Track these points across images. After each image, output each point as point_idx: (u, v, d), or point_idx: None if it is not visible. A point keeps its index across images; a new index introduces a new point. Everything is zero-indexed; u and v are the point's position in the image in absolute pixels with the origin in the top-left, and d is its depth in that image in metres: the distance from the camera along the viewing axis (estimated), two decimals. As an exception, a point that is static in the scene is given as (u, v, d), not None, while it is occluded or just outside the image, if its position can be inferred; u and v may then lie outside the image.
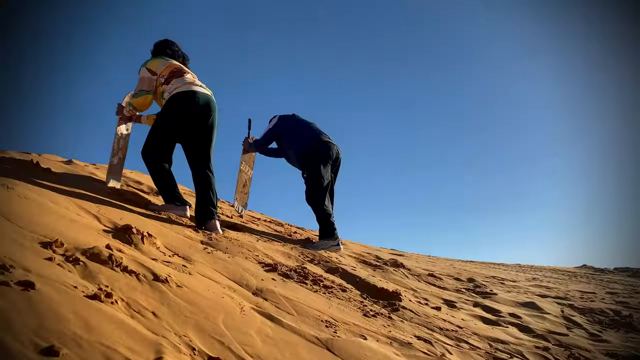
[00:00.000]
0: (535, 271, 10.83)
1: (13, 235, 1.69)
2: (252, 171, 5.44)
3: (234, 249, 3.05)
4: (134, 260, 1.89)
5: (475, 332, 3.08)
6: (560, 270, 12.33)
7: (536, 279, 8.44)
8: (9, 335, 1.02)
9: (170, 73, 3.75)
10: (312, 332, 1.94)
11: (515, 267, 11.86)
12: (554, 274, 10.39)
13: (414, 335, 2.52)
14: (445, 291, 4.70)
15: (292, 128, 4.99)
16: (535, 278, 8.69)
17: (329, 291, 2.85)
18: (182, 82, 3.68)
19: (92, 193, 3.12)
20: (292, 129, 4.98)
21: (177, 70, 3.77)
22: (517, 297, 5.36)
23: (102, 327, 1.21)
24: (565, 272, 11.67)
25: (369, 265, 4.65)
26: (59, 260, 1.60)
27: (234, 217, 5.00)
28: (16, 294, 1.18)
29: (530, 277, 8.69)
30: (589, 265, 14.48)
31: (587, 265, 14.59)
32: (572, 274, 11.22)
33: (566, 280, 9.12)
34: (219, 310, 1.74)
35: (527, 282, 7.70)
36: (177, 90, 3.63)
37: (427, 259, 9.77)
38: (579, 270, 13.05)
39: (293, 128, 4.99)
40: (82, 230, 2.17)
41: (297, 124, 5.03)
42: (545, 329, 3.77)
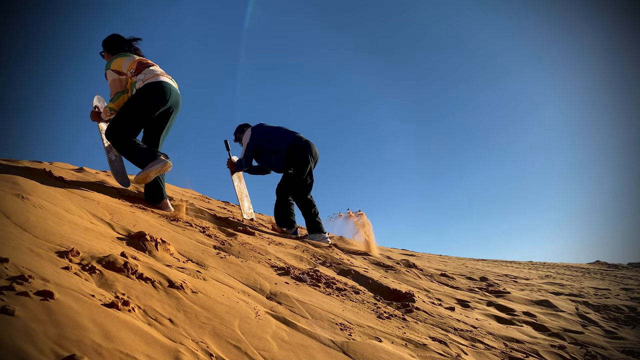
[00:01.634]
0: (547, 268, 10.75)
1: (30, 245, 1.71)
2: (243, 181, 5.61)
3: (246, 253, 3.06)
4: (148, 267, 1.90)
5: (490, 332, 3.07)
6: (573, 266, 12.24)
7: (549, 277, 8.38)
8: (30, 345, 1.03)
9: (138, 65, 3.86)
10: (327, 335, 1.94)
11: (527, 264, 11.79)
12: (567, 271, 10.32)
13: (429, 337, 2.51)
14: (458, 291, 4.69)
15: (269, 133, 5.17)
16: (548, 275, 8.64)
17: (342, 294, 2.86)
18: (153, 73, 3.82)
19: (104, 200, 3.14)
20: (270, 134, 5.17)
21: (145, 63, 3.91)
22: (531, 295, 5.33)
23: (120, 335, 1.22)
24: (578, 268, 11.58)
25: (380, 266, 4.65)
26: (76, 269, 1.62)
27: (245, 220, 5.02)
28: (36, 304, 1.20)
29: (543, 275, 8.64)
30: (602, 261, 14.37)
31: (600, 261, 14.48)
32: (586, 270, 11.14)
33: (580, 277, 9.05)
34: (234, 316, 1.75)
35: (540, 279, 7.65)
36: (150, 80, 3.76)
37: (439, 258, 9.73)
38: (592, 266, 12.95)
39: (269, 134, 5.17)
40: (97, 238, 2.19)
41: (271, 129, 5.22)
42: (560, 327, 3.75)
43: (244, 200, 5.39)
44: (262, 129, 5.21)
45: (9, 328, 1.06)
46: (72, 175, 4.24)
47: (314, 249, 4.22)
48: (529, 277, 7.85)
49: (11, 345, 1.00)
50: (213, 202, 6.49)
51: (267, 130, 5.21)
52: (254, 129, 5.20)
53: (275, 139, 5.13)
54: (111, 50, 4.06)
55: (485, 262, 11.08)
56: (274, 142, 5.12)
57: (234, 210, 6.00)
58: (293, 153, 5.06)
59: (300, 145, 5.08)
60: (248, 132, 5.19)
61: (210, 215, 4.35)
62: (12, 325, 1.07)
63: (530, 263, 12.34)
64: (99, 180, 4.31)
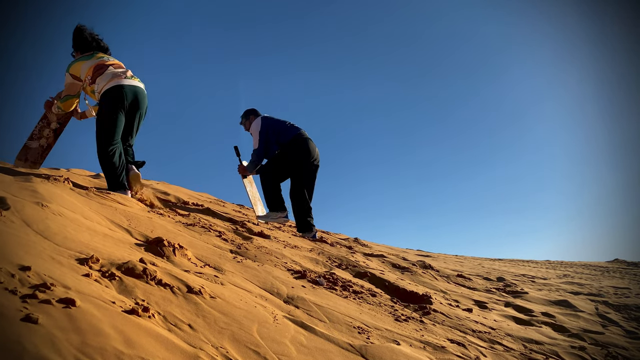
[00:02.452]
0: (565, 267, 10.63)
1: (51, 253, 1.74)
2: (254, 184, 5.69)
3: (263, 257, 3.07)
4: (167, 273, 1.92)
5: (509, 333, 3.04)
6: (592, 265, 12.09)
7: (567, 276, 8.29)
8: (54, 353, 1.04)
9: (93, 73, 3.86)
10: (346, 339, 1.94)
11: (544, 263, 11.67)
12: (585, 270, 10.19)
13: (447, 339, 2.50)
14: (475, 292, 4.65)
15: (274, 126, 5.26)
16: (567, 275, 8.54)
17: (359, 296, 2.85)
18: (106, 79, 3.80)
19: (121, 206, 3.18)
20: (275, 127, 5.25)
21: (99, 67, 3.88)
22: (549, 295, 5.28)
23: (141, 342, 1.24)
24: (597, 267, 11.43)
25: (397, 267, 4.63)
26: (96, 276, 1.64)
27: (260, 224, 5.04)
28: (59, 311, 1.21)
29: (561, 274, 8.54)
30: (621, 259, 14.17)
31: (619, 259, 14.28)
32: (604, 269, 10.99)
33: (598, 276, 8.93)
34: (252, 320, 1.76)
35: (558, 279, 7.57)
36: (104, 88, 3.78)
37: (455, 258, 9.68)
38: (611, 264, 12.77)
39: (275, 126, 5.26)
40: (116, 244, 2.21)
41: (276, 121, 5.32)
42: (580, 328, 3.70)
43: (257, 204, 5.43)
44: (270, 121, 5.29)
45: (33, 336, 1.07)
46: (89, 181, 4.29)
47: (329, 252, 4.23)
48: (547, 276, 7.77)
49: (35, 353, 1.02)
50: (228, 206, 6.53)
51: (274, 121, 5.29)
52: (263, 119, 5.27)
53: (280, 132, 5.20)
54: (80, 48, 4.07)
55: (502, 261, 10.99)
56: (279, 134, 5.19)
57: (248, 214, 6.02)
58: (293, 147, 5.13)
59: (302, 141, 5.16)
60: (258, 121, 5.25)
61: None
62: (36, 333, 1.09)
63: (548, 262, 12.21)
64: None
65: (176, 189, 6.20)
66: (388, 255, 5.42)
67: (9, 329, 1.06)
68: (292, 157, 5.12)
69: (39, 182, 2.95)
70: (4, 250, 1.54)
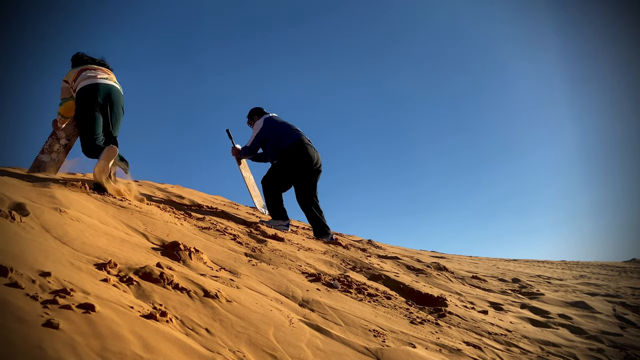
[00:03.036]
0: (581, 268, 10.51)
1: (70, 258, 1.76)
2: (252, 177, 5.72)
3: (277, 260, 3.08)
4: (183, 277, 1.93)
5: (525, 335, 3.02)
6: (609, 265, 11.94)
7: (584, 276, 8.19)
8: (74, 358, 1.06)
9: (77, 74, 4.16)
10: (361, 342, 1.94)
11: (560, 264, 11.55)
12: (602, 270, 10.07)
13: (463, 341, 2.49)
14: (490, 293, 4.62)
15: (277, 129, 5.22)
16: (583, 275, 8.44)
17: (374, 299, 2.85)
18: (83, 78, 4.10)
19: (137, 210, 3.21)
20: (278, 130, 5.21)
21: (81, 70, 4.19)
22: (566, 296, 5.22)
23: (160, 346, 1.25)
24: (613, 267, 11.29)
25: (411, 270, 4.62)
26: (114, 281, 1.66)
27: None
28: (79, 317, 1.23)
29: (577, 275, 8.45)
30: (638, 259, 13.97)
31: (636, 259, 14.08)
32: (622, 269, 10.85)
33: (615, 277, 8.82)
34: (269, 324, 1.77)
35: (575, 280, 7.49)
36: (79, 86, 4.07)
37: (469, 259, 9.62)
38: (629, 264, 12.60)
39: (278, 129, 5.22)
40: (133, 249, 2.24)
41: (280, 125, 5.27)
42: (597, 330, 3.66)
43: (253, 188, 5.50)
44: (272, 124, 5.26)
45: (55, 341, 1.09)
46: (105, 186, 4.33)
47: (343, 254, 4.23)
48: (563, 277, 7.69)
49: (57, 358, 1.04)
50: (242, 208, 6.55)
51: (277, 125, 5.26)
52: (266, 120, 5.26)
53: (281, 136, 5.17)
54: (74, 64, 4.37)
55: (517, 262, 10.89)
56: (279, 139, 5.16)
57: (262, 217, 6.04)
58: (291, 153, 5.08)
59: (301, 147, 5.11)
60: (260, 122, 5.26)
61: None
62: (58, 338, 1.10)
63: (564, 262, 12.08)
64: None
65: (190, 192, 6.25)
66: (402, 257, 5.41)
67: (31, 334, 1.08)
68: (292, 164, 5.08)
69: (56, 188, 2.99)
70: (24, 256, 1.57)
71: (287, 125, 5.30)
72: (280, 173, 5.09)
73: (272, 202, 5.06)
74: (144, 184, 5.71)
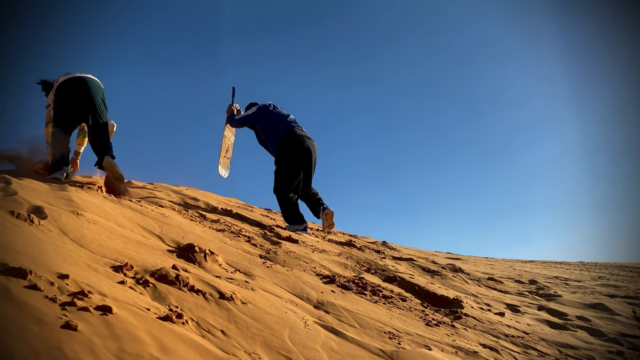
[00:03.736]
0: (600, 269, 10.36)
1: (87, 261, 1.78)
2: (234, 137, 5.73)
3: (292, 262, 3.08)
4: (199, 279, 1.95)
5: (543, 338, 2.98)
6: (628, 266, 11.74)
7: (602, 278, 8.07)
8: (93, 359, 1.07)
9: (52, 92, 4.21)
10: (376, 344, 1.93)
11: (578, 265, 11.40)
12: (621, 271, 9.91)
13: (479, 344, 2.47)
14: (507, 295, 4.58)
15: (270, 119, 5.21)
16: (602, 277, 8.32)
17: (389, 301, 2.84)
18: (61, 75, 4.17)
19: (152, 213, 3.24)
20: (270, 120, 5.20)
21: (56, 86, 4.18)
22: (584, 298, 5.15)
23: (176, 348, 1.26)
24: (633, 268, 11.10)
25: (426, 271, 4.60)
26: (131, 283, 1.68)
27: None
28: (96, 318, 1.25)
29: (596, 276, 8.33)
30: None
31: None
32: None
33: (635, 278, 8.67)
34: (284, 326, 1.77)
35: (593, 281, 7.38)
36: (56, 85, 4.13)
37: (485, 261, 9.54)
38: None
39: (271, 119, 5.21)
40: (149, 251, 2.26)
41: (274, 115, 5.24)
42: (617, 332, 3.60)
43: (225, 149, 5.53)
44: (265, 112, 5.26)
45: (73, 342, 1.10)
46: (122, 189, 4.38)
47: (357, 256, 4.22)
48: (581, 278, 7.58)
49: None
50: (256, 210, 6.57)
51: (270, 115, 5.24)
52: (259, 108, 5.28)
53: (273, 126, 5.16)
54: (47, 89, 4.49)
55: (534, 263, 10.77)
56: (270, 129, 5.16)
57: (277, 218, 6.06)
58: (282, 144, 5.05)
59: (292, 139, 5.06)
60: (254, 108, 5.30)
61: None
62: (76, 340, 1.12)
63: (582, 263, 11.92)
64: (147, 192, 4.45)
65: (205, 194, 6.28)
66: (417, 259, 5.38)
67: (50, 335, 1.10)
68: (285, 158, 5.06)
69: (73, 191, 3.03)
70: (42, 258, 1.59)
71: (281, 116, 5.26)
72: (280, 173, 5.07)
73: (287, 207, 5.05)
74: (159, 186, 5.76)
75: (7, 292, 1.21)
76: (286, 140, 5.04)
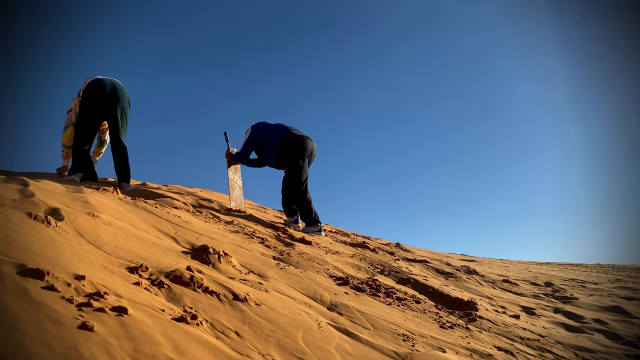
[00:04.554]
0: (617, 271, 10.22)
1: (103, 262, 1.80)
2: (240, 180, 5.87)
3: (305, 263, 3.09)
4: (213, 280, 1.96)
5: (559, 341, 2.95)
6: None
7: (620, 280, 7.96)
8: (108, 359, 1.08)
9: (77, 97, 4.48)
10: (390, 346, 1.93)
11: (595, 267, 11.26)
12: (638, 274, 9.76)
13: (494, 346, 2.45)
14: (522, 297, 4.54)
15: (266, 131, 5.35)
16: (619, 279, 8.20)
17: (403, 303, 2.83)
18: (89, 78, 4.45)
19: (167, 214, 3.26)
20: (267, 132, 5.34)
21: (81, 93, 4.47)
22: (601, 300, 5.09)
23: (191, 349, 1.27)
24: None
25: (440, 273, 4.57)
26: (146, 284, 1.69)
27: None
28: (112, 319, 1.26)
29: (613, 279, 8.22)
30: (678, 263, 13.51)
31: (676, 262, 13.61)
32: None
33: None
34: (297, 327, 1.77)
35: (610, 283, 7.28)
36: (86, 84, 4.40)
37: (500, 263, 9.46)
38: (668, 268, 12.19)
39: (268, 131, 5.35)
40: (163, 253, 2.28)
41: (269, 127, 5.39)
42: (634, 335, 3.55)
43: (235, 189, 5.64)
44: (260, 127, 5.40)
45: (90, 343, 1.12)
46: (136, 191, 4.42)
47: (371, 257, 4.21)
48: (598, 281, 7.49)
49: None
50: (269, 212, 6.59)
51: (266, 127, 5.39)
52: (253, 127, 5.42)
53: (272, 136, 5.28)
54: None
55: (549, 265, 10.66)
56: (270, 140, 5.28)
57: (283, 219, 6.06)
58: (285, 147, 5.17)
59: (292, 139, 5.18)
60: (249, 130, 5.42)
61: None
62: (92, 340, 1.13)
63: (599, 266, 11.77)
64: (161, 194, 4.48)
65: (218, 195, 6.31)
66: (431, 261, 5.35)
67: (67, 336, 1.11)
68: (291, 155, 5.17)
69: (89, 193, 3.06)
70: (59, 259, 1.61)
71: (278, 125, 5.43)
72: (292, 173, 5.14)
73: (303, 208, 5.11)
74: (173, 188, 5.80)
75: (25, 292, 1.23)
76: (289, 141, 5.17)
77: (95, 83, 4.37)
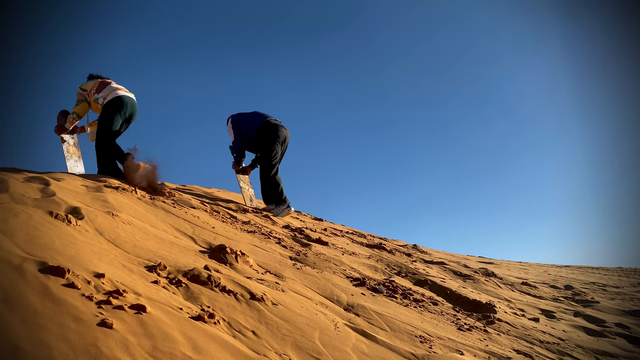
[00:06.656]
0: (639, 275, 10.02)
1: (122, 260, 1.82)
2: (252, 189, 6.19)
3: (322, 264, 3.08)
4: (230, 279, 1.96)
5: (579, 345, 2.90)
6: (670, 273, 11.32)
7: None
8: (128, 357, 1.09)
9: (99, 85, 4.86)
10: (407, 348, 1.91)
11: (616, 270, 11.06)
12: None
13: (513, 349, 2.42)
14: (541, 300, 4.47)
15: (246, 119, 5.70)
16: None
17: (420, 305, 2.81)
18: (110, 90, 4.78)
19: (185, 214, 3.28)
20: (247, 119, 5.69)
21: (103, 82, 4.89)
22: (623, 304, 4.99)
23: (208, 348, 1.27)
24: (675, 275, 10.70)
25: (458, 275, 4.53)
26: (164, 283, 1.70)
27: (317, 230, 5.07)
28: (131, 317, 1.27)
29: (635, 282, 8.06)
30: (703, 267, 13.20)
31: (700, 266, 13.31)
32: (684, 277, 10.27)
33: (678, 284, 8.35)
34: (314, 328, 1.77)
35: (632, 287, 7.14)
36: (109, 97, 4.71)
37: (519, 265, 9.35)
38: (692, 272, 11.92)
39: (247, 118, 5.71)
40: (181, 252, 2.29)
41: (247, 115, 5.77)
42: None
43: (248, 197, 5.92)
44: (238, 115, 5.74)
45: (109, 340, 1.13)
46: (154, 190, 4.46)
47: (387, 259, 4.19)
48: (619, 284, 7.35)
49: (111, 357, 1.07)
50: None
51: (243, 117, 5.72)
52: (232, 116, 5.74)
53: (248, 124, 5.62)
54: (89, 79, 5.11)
55: (569, 268, 10.50)
56: (247, 127, 5.62)
57: (306, 220, 6.07)
58: (261, 133, 5.49)
59: (268, 126, 5.51)
60: (228, 122, 5.74)
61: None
62: (111, 338, 1.14)
63: (620, 269, 11.55)
64: (178, 194, 4.52)
65: (236, 196, 6.34)
66: (449, 263, 5.31)
67: (87, 332, 1.12)
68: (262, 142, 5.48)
69: (109, 192, 3.10)
70: (79, 257, 1.63)
71: (255, 113, 5.76)
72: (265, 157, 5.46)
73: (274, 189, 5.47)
74: (192, 188, 5.85)
75: (46, 289, 1.25)
76: (265, 127, 5.52)
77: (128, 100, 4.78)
